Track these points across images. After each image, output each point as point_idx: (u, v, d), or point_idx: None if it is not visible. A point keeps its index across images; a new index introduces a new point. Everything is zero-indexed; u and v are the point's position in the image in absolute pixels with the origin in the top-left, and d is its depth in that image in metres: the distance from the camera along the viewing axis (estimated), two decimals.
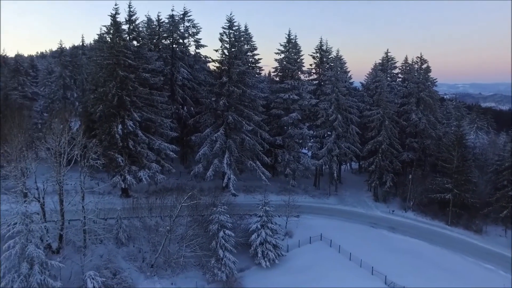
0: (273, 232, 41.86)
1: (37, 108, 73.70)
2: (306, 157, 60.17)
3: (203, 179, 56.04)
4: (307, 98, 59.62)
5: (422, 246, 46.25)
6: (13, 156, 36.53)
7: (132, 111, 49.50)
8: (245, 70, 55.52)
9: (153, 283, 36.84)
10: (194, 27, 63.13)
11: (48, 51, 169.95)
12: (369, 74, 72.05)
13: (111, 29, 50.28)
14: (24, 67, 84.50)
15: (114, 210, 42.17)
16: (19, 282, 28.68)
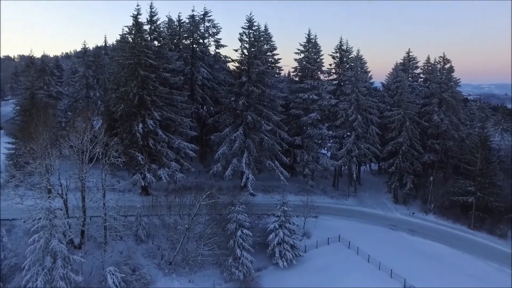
0: (291, 232, 41.76)
1: (61, 107, 75.54)
2: (325, 157, 59.76)
3: (221, 178, 56.34)
4: (327, 98, 59.24)
5: (443, 249, 45.30)
6: (38, 153, 37.54)
7: (153, 110, 50.19)
8: (264, 70, 55.55)
9: (171, 280, 37.24)
10: (214, 27, 63.57)
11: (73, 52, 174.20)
12: (390, 74, 71.07)
13: (133, 29, 51.17)
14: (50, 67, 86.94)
15: (134, 208, 42.85)
16: (43, 275, 29.52)
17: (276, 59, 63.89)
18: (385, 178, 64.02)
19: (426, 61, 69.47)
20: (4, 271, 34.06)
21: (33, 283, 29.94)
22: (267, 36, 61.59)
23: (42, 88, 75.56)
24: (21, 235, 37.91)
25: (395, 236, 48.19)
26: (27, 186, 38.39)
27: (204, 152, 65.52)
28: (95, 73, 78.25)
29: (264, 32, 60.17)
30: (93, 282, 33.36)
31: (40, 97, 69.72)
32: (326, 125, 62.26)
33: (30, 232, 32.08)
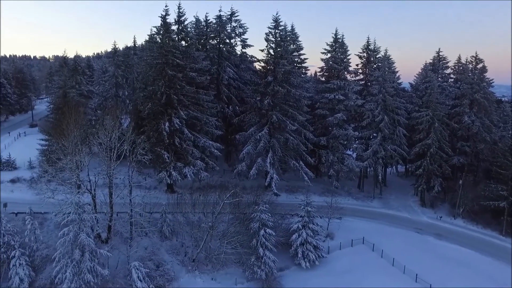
0: (314, 233, 41.55)
1: (92, 105, 77.78)
2: (350, 158, 59.02)
3: (246, 178, 56.60)
4: (353, 99, 58.53)
5: (472, 256, 43.85)
6: (69, 149, 38.91)
7: (179, 109, 50.97)
8: (290, 70, 55.40)
9: (194, 277, 37.77)
10: (241, 27, 63.88)
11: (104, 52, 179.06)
12: (419, 75, 69.48)
13: (161, 29, 52.13)
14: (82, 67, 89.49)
15: (159, 205, 43.68)
16: (71, 267, 30.61)
17: (302, 59, 63.64)
18: (411, 181, 62.66)
19: (457, 61, 67.55)
20: (36, 262, 35.49)
21: (62, 274, 31.12)
22: (294, 36, 61.42)
23: (74, 87, 77.92)
24: (52, 228, 39.34)
25: (421, 240, 47.10)
26: (58, 181, 39.81)
27: (229, 151, 65.99)
28: (124, 72, 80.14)
29: (290, 32, 60.03)
30: (119, 276, 34.24)
31: (72, 95, 71.96)
32: (352, 125, 61.51)
33: (60, 226, 33.34)
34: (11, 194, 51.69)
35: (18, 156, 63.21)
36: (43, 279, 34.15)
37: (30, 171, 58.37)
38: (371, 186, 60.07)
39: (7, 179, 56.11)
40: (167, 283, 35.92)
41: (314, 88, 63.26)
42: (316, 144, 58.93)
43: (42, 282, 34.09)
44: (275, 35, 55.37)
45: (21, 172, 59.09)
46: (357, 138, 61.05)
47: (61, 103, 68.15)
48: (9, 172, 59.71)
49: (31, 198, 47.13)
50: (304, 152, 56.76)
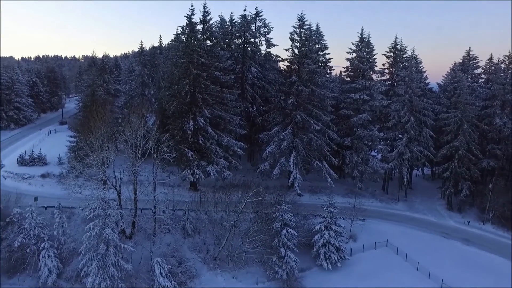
0: (337, 234, 41.10)
1: (118, 103, 79.42)
2: (375, 159, 58.04)
3: (269, 177, 56.54)
4: (379, 99, 57.52)
5: (501, 263, 42.27)
6: (96, 146, 39.86)
7: (203, 108, 51.41)
8: (315, 69, 54.99)
9: (215, 275, 38.01)
10: (266, 27, 63.82)
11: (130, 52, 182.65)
12: (447, 75, 67.59)
13: (186, 29, 52.71)
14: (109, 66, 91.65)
15: (182, 202, 44.19)
16: (97, 261, 31.37)
17: (327, 59, 63.12)
18: (438, 184, 61.04)
19: (489, 60, 65.28)
20: (64, 254, 36.58)
21: (88, 267, 31.95)
22: (319, 35, 60.95)
23: (101, 85, 79.79)
24: (79, 222, 40.42)
25: (448, 244, 45.82)
26: (85, 177, 40.84)
27: (252, 151, 66.09)
28: (150, 71, 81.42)
29: (315, 31, 59.57)
30: (142, 271, 34.80)
31: (99, 94, 73.73)
32: (377, 126, 60.44)
33: (86, 220, 34.23)
34: (41, 189, 53.62)
35: (49, 152, 65.42)
36: (70, 271, 35.19)
37: (59, 167, 60.28)
38: (396, 188, 58.89)
39: (38, 174, 58.23)
40: (189, 280, 36.33)
41: (338, 88, 62.55)
42: (340, 144, 58.25)
43: (69, 274, 35.15)
44: (299, 35, 55.06)
45: (51, 167, 61.14)
46: (382, 139, 59.94)
47: (89, 101, 69.92)
48: (40, 167, 61.91)
49: (59, 192, 48.61)
50: (327, 153, 56.22)
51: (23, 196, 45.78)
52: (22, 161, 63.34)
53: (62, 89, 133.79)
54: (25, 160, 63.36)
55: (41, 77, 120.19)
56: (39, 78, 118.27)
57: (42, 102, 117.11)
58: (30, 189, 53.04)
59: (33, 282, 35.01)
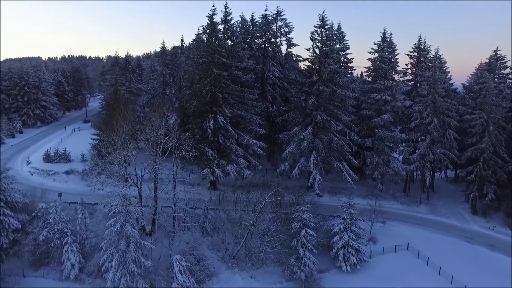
0: (356, 236, 40.61)
1: (140, 102, 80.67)
2: (396, 161, 57.11)
3: (288, 177, 56.34)
4: (401, 100, 56.54)
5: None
6: (118, 144, 40.53)
7: (224, 107, 51.64)
8: (336, 69, 54.52)
9: (234, 274, 38.06)
10: (287, 27, 63.62)
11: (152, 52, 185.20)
12: (473, 75, 65.85)
13: (207, 29, 53.06)
14: (132, 66, 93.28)
15: (202, 201, 44.46)
16: (117, 257, 31.88)
17: (348, 59, 62.49)
18: (462, 187, 59.56)
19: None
20: (86, 249, 37.36)
21: (109, 262, 32.51)
22: (340, 35, 60.42)
23: (124, 84, 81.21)
24: (101, 218, 41.11)
25: (472, 250, 44.57)
26: (107, 174, 41.64)
27: (272, 151, 66.02)
28: (171, 71, 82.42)
29: (337, 31, 59.07)
30: (161, 268, 35.16)
31: (122, 93, 75.00)
32: (399, 127, 59.44)
33: (108, 216, 34.85)
34: (65, 185, 54.97)
35: (73, 149, 67.02)
36: (91, 266, 35.88)
37: (83, 164, 61.68)
38: (418, 191, 57.77)
39: (62, 171, 59.74)
40: (207, 278, 36.51)
41: (360, 89, 61.83)
42: (361, 145, 57.56)
43: (90, 268, 35.85)
44: (321, 34, 54.64)
45: (75, 164, 62.60)
46: (404, 141, 58.90)
47: (112, 100, 71.22)
48: (64, 164, 63.48)
49: (82, 189, 49.71)
50: (348, 153, 55.64)
51: (48, 192, 47.02)
52: (47, 158, 65.08)
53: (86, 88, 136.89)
54: (50, 157, 65.08)
55: (66, 77, 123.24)
56: (64, 78, 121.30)
57: (67, 101, 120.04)
58: (55, 185, 54.44)
59: (56, 275, 35.88)
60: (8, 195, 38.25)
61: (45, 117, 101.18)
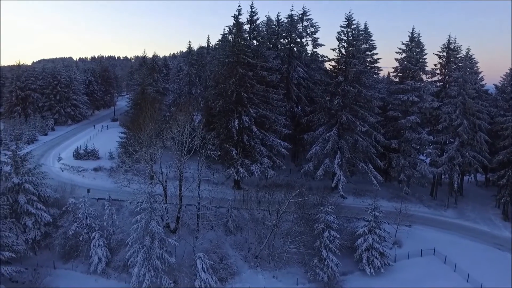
0: (381, 239, 39.99)
1: (166, 102, 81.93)
2: (423, 163, 55.81)
3: (312, 178, 56.00)
4: (429, 101, 55.25)
5: None
6: (145, 142, 41.38)
7: (249, 107, 51.86)
8: (362, 70, 53.83)
9: (256, 273, 38.17)
10: (312, 27, 63.28)
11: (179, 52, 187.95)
12: (506, 75, 63.62)
13: (233, 29, 53.46)
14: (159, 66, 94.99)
15: (226, 200, 44.84)
16: (142, 252, 32.55)
17: (375, 59, 61.58)
18: (493, 191, 57.59)
19: None
20: (112, 244, 38.35)
21: (134, 258, 33.24)
22: (367, 35, 59.62)
23: (151, 84, 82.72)
24: (127, 214, 42.12)
25: (502, 257, 42.99)
26: (134, 171, 42.61)
27: (296, 151, 65.83)
28: (197, 71, 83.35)
29: (363, 31, 58.32)
30: (184, 265, 35.65)
31: (149, 92, 76.42)
32: (427, 129, 58.12)
33: (134, 213, 35.64)
34: (93, 181, 56.50)
35: (101, 147, 68.81)
36: (118, 261, 36.78)
37: (110, 161, 63.27)
38: (445, 195, 56.29)
39: (91, 167, 61.46)
40: (229, 277, 36.76)
41: (386, 89, 60.81)
42: (387, 147, 56.60)
43: (116, 263, 36.75)
44: (347, 34, 54.05)
45: (103, 161, 64.28)
46: (432, 143, 57.51)
47: (139, 99, 72.67)
48: (93, 161, 65.30)
49: (110, 186, 50.97)
50: (373, 155, 54.83)
51: (77, 188, 48.56)
52: (77, 155, 67.12)
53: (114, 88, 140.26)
54: (80, 154, 67.08)
55: (95, 76, 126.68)
56: (94, 77, 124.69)
57: (96, 100, 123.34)
58: (84, 181, 56.05)
59: (84, 268, 36.98)
60: (41, 190, 39.79)
61: (75, 115, 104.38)
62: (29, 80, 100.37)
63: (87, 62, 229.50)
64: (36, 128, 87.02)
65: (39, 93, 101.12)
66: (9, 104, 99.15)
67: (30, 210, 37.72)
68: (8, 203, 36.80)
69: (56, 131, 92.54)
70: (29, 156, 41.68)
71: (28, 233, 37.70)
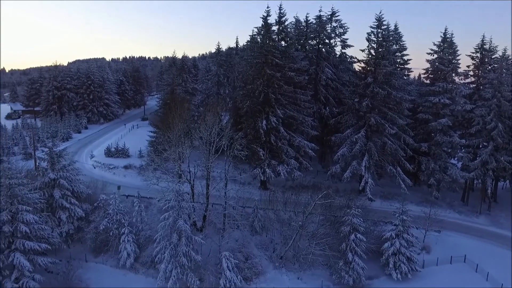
0: (409, 244, 39.22)
1: (195, 102, 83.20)
2: (454, 168, 54.31)
3: (339, 180, 55.55)
4: (461, 103, 53.73)
5: None
6: (174, 141, 42.24)
7: (276, 108, 51.98)
8: (391, 71, 52.95)
9: (281, 274, 38.24)
10: (341, 27, 62.70)
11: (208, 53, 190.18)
12: None
13: (262, 30, 53.71)
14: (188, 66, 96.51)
15: (252, 200, 45.15)
16: (170, 249, 33.28)
17: (405, 60, 60.38)
18: None
19: None
20: (141, 240, 39.39)
21: (161, 254, 34.03)
22: (397, 36, 58.57)
23: (180, 84, 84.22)
24: (155, 212, 43.12)
25: None
26: (163, 170, 43.52)
27: (323, 152, 65.41)
28: (226, 71, 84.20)
29: (393, 32, 57.32)
30: (210, 263, 36.17)
31: (178, 92, 77.83)
32: (458, 132, 56.51)
33: (162, 210, 36.52)
34: (123, 179, 58.11)
35: (131, 145, 70.65)
36: (146, 257, 37.75)
37: (140, 159, 64.88)
38: (478, 200, 54.51)
39: (121, 165, 63.26)
40: (254, 276, 37.00)
41: (416, 91, 59.53)
42: (416, 150, 55.42)
43: (144, 259, 37.72)
44: (377, 35, 53.32)
45: (133, 160, 65.98)
46: (464, 146, 55.89)
47: (168, 99, 74.11)
48: (123, 159, 67.15)
49: (139, 183, 52.25)
50: (402, 158, 53.79)
51: (108, 184, 50.12)
52: (108, 153, 69.15)
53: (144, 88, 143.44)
54: (111, 152, 69.09)
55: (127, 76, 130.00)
56: (125, 77, 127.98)
57: (127, 99, 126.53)
58: (114, 178, 57.73)
59: (114, 263, 38.14)
60: (75, 186, 41.33)
61: (107, 114, 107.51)
62: (65, 80, 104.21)
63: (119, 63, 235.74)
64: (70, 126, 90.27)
65: (74, 92, 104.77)
66: (47, 103, 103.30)
67: (64, 204, 39.26)
68: (44, 198, 38.45)
69: (89, 129, 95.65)
70: (64, 153, 43.44)
71: (62, 227, 39.28)
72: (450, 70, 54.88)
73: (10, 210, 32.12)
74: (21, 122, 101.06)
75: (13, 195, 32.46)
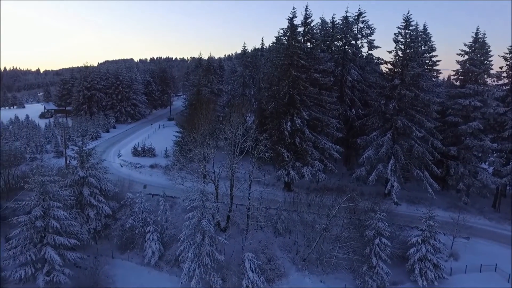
0: (435, 250, 38.22)
1: (220, 102, 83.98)
2: (485, 172, 52.59)
3: (364, 183, 54.79)
4: (493, 106, 51.98)
5: None
6: (199, 142, 42.75)
7: (301, 110, 51.79)
8: (420, 73, 51.82)
9: (303, 276, 38.03)
10: (368, 28, 61.91)
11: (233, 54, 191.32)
12: None
13: (287, 31, 53.63)
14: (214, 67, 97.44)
15: (276, 201, 45.07)
16: (193, 249, 33.67)
17: (434, 61, 59.00)
18: None
19: None
20: (165, 239, 40.02)
21: (185, 253, 34.48)
22: (426, 37, 57.32)
23: (206, 85, 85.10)
24: (180, 211, 43.69)
25: None
26: (188, 170, 44.07)
27: (348, 155, 64.71)
28: (251, 72, 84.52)
29: (422, 32, 56.11)
30: (233, 264, 36.34)
31: (204, 93, 78.71)
32: (490, 136, 54.66)
33: (186, 210, 37.01)
34: (149, 178, 59.21)
35: (157, 145, 71.94)
36: (170, 255, 38.30)
37: (166, 159, 65.95)
38: (510, 207, 52.67)
39: (147, 164, 64.47)
40: (277, 278, 36.91)
41: (446, 93, 58.02)
42: (445, 154, 54.00)
43: (168, 257, 38.28)
44: (404, 36, 52.31)
45: (159, 159, 67.15)
46: (495, 151, 54.04)
47: (194, 99, 75.14)
48: (150, 158, 68.41)
49: (165, 182, 53.17)
50: (429, 162, 52.51)
51: (135, 183, 51.24)
52: (135, 152, 70.65)
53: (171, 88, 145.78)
54: (138, 151, 70.56)
55: (154, 77, 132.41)
56: (152, 78, 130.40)
57: (154, 100, 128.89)
58: (141, 177, 58.90)
59: (139, 260, 38.88)
60: (102, 184, 42.43)
61: (134, 114, 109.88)
62: (94, 80, 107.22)
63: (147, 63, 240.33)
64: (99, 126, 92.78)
65: (103, 92, 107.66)
66: (77, 102, 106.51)
67: (92, 202, 40.38)
68: (74, 195, 39.67)
69: (117, 129, 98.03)
70: (93, 151, 44.61)
71: (90, 223, 40.40)
72: (481, 72, 53.19)
73: (43, 206, 33.34)
74: (54, 121, 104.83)
75: (45, 192, 33.72)
